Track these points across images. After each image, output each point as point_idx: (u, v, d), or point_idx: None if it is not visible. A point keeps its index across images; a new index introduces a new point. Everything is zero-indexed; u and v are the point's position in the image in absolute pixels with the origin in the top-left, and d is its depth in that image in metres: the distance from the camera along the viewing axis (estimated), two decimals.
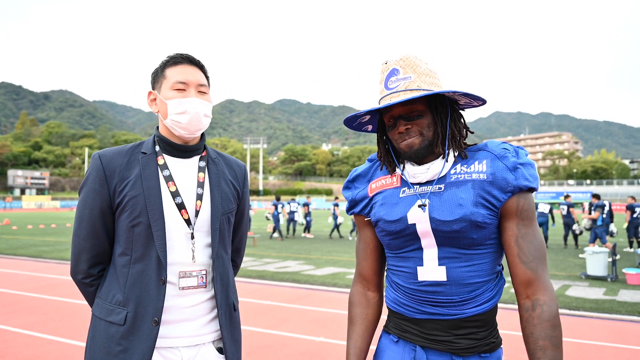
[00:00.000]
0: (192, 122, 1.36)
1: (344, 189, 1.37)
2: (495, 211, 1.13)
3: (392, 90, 1.17)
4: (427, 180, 1.18)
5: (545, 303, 1.10)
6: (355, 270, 1.36)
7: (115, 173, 1.33)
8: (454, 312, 1.14)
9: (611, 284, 7.39)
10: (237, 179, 1.52)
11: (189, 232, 1.34)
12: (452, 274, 1.13)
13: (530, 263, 1.12)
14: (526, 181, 1.12)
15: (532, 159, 21.27)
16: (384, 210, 1.21)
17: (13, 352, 3.87)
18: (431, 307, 1.15)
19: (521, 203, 1.13)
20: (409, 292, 1.19)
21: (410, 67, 1.17)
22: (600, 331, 4.75)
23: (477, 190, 1.12)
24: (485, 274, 1.15)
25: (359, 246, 1.35)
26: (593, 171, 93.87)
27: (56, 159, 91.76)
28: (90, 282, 1.37)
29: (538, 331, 1.08)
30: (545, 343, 1.07)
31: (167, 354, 1.31)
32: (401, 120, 1.18)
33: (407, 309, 1.20)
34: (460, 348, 1.14)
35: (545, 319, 1.08)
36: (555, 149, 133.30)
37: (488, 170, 1.14)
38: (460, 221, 1.11)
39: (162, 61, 1.41)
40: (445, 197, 1.14)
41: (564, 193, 20.78)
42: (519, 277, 1.13)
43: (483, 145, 1.21)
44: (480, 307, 1.14)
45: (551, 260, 10.25)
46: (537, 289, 1.11)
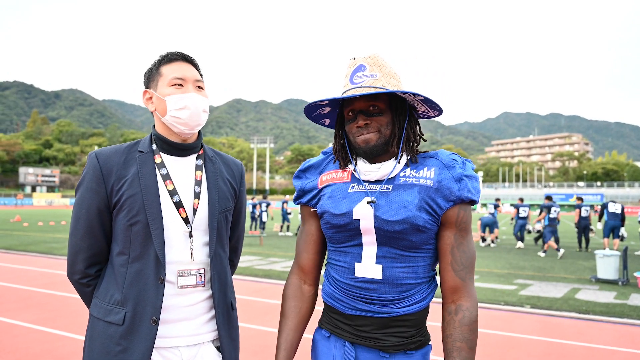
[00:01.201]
0: (192, 117, 1.36)
1: (294, 177, 1.40)
2: (436, 218, 1.18)
3: (357, 85, 1.20)
4: (376, 179, 1.22)
5: (467, 309, 1.17)
6: (294, 262, 1.37)
7: (112, 172, 1.32)
8: (386, 311, 1.18)
9: (622, 287, 7.28)
10: (235, 177, 1.52)
11: (187, 230, 1.34)
12: (388, 273, 1.17)
13: (460, 272, 1.19)
14: (469, 193, 1.18)
15: (542, 160, 21.32)
16: (331, 203, 1.24)
17: (24, 347, 3.92)
18: (364, 304, 1.19)
19: (461, 214, 1.19)
20: (344, 287, 1.22)
21: (377, 66, 1.21)
22: (611, 335, 4.68)
23: (423, 195, 1.17)
24: (419, 276, 1.20)
25: (301, 237, 1.36)
26: (604, 173, 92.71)
27: (66, 157, 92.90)
28: (88, 282, 1.36)
29: (457, 333, 1.16)
30: (462, 345, 1.15)
31: (167, 354, 1.30)
32: (361, 115, 1.20)
33: (341, 304, 1.23)
34: (388, 345, 1.19)
35: (466, 323, 1.16)
36: (565, 150, 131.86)
37: (435, 178, 1.19)
38: (402, 222, 1.15)
39: (155, 60, 1.41)
40: (392, 198, 1.18)
41: (573, 195, 20.50)
42: (448, 283, 1.20)
43: (434, 153, 1.26)
44: (411, 308, 1.19)
45: (561, 263, 10.14)
46: (462, 295, 1.18)
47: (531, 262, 10.29)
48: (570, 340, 4.47)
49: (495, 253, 12.06)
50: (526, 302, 6.08)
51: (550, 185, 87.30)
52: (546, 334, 4.66)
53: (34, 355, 3.73)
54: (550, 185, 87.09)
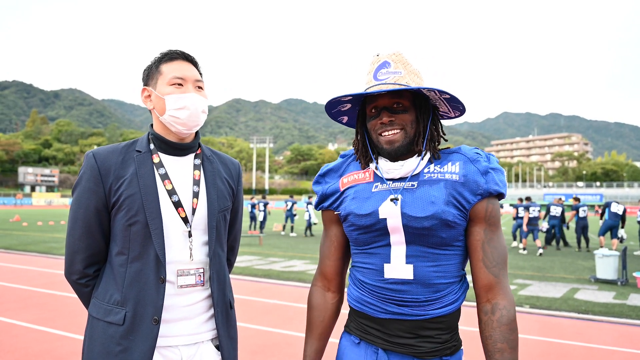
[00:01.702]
0: (191, 117, 1.35)
1: (314, 183, 1.37)
2: (465, 213, 1.15)
3: (381, 81, 1.18)
4: (400, 176, 1.20)
5: (504, 307, 1.13)
6: (317, 269, 1.35)
7: (110, 172, 1.31)
8: (419, 313, 1.14)
9: (621, 287, 7.29)
10: (232, 176, 1.52)
11: (187, 230, 1.34)
12: (419, 273, 1.14)
13: (493, 268, 1.14)
14: (496, 186, 1.15)
15: (541, 161, 21.42)
16: (355, 204, 1.22)
17: (23, 347, 3.91)
18: (396, 306, 1.15)
19: (489, 208, 1.16)
20: (373, 290, 1.19)
21: (402, 63, 1.19)
22: (610, 335, 4.68)
23: (449, 190, 1.15)
24: (451, 275, 1.16)
25: (324, 243, 1.34)
26: (603, 173, 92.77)
27: (65, 156, 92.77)
28: (86, 283, 1.35)
29: (497, 334, 1.11)
30: (503, 345, 1.10)
31: (167, 353, 1.30)
32: (385, 112, 1.18)
33: (371, 308, 1.19)
34: (423, 351, 1.14)
35: (504, 322, 1.11)
36: (564, 150, 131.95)
37: (460, 172, 1.16)
38: (431, 218, 1.12)
39: (155, 58, 1.40)
40: (418, 194, 1.15)
41: (572, 195, 20.58)
42: (481, 281, 1.16)
43: (456, 148, 1.23)
44: (444, 309, 1.15)
45: (560, 263, 10.15)
46: (497, 293, 1.14)
47: (530, 262, 10.30)
48: (570, 340, 4.47)
49: None
50: (525, 302, 6.08)
51: (549, 186, 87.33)
52: (545, 334, 4.67)
53: (33, 355, 3.72)
54: (550, 186, 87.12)
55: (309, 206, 16.54)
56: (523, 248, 12.26)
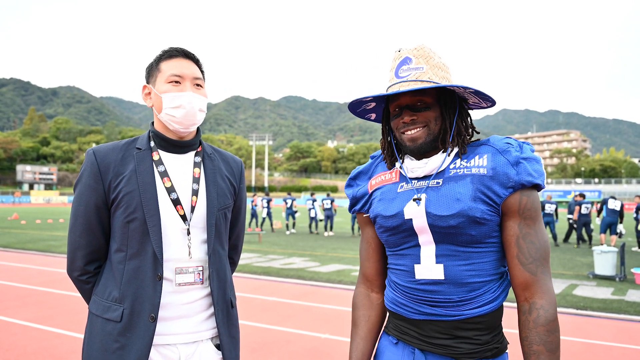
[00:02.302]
0: (187, 116, 1.34)
1: (346, 187, 1.37)
2: (496, 207, 1.09)
3: (403, 79, 1.15)
4: (424, 174, 1.16)
5: (542, 307, 1.06)
6: (359, 271, 1.35)
7: (109, 169, 1.31)
8: (453, 313, 1.10)
9: (619, 283, 7.31)
10: (234, 174, 1.51)
11: (185, 228, 1.33)
12: (450, 273, 1.10)
13: (529, 265, 1.08)
14: (529, 176, 1.07)
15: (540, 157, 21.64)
16: (382, 205, 1.20)
17: (21, 345, 3.91)
18: (429, 307, 1.13)
19: (524, 200, 1.08)
20: (406, 291, 1.17)
21: (424, 58, 1.15)
22: (608, 331, 4.70)
23: (477, 184, 1.09)
24: (486, 273, 1.11)
25: (362, 246, 1.33)
26: (601, 170, 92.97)
27: (64, 154, 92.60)
28: (87, 279, 1.36)
29: (533, 335, 1.06)
30: (539, 348, 1.05)
31: (165, 352, 1.30)
32: (407, 111, 1.15)
33: (405, 309, 1.17)
34: (461, 352, 1.10)
35: (541, 323, 1.05)
36: (563, 147, 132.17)
37: (489, 165, 1.10)
38: (457, 216, 1.07)
39: (156, 55, 1.40)
40: (443, 192, 1.12)
41: (571, 192, 20.58)
42: (517, 279, 1.10)
43: (485, 140, 1.18)
44: (481, 309, 1.10)
45: (558, 259, 10.17)
46: (535, 292, 1.08)
47: None
48: (568, 336, 4.49)
49: None
50: None
51: (548, 182, 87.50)
52: None
53: (32, 353, 3.72)
54: (548, 182, 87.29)
55: (314, 203, 16.46)
56: None
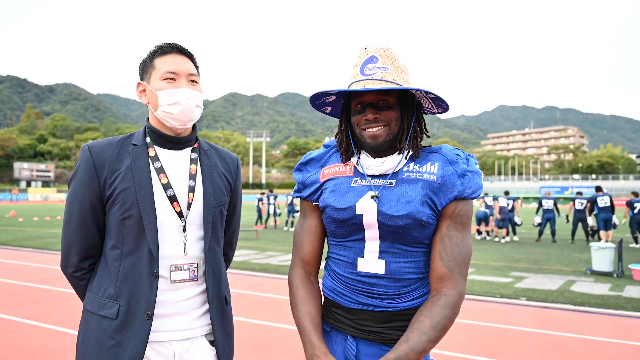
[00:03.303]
0: (184, 113, 1.33)
1: (295, 170, 1.37)
2: (437, 212, 1.17)
3: (368, 77, 1.17)
4: (379, 173, 1.20)
5: (446, 294, 1.11)
6: (295, 255, 1.33)
7: (105, 165, 1.30)
8: (388, 305, 1.17)
9: (617, 279, 7.34)
10: (230, 171, 1.50)
11: (181, 225, 1.32)
12: (390, 268, 1.16)
13: (448, 262, 1.14)
14: (470, 189, 1.17)
15: (537, 154, 21.62)
16: (334, 197, 1.22)
17: (19, 343, 3.90)
18: (367, 298, 1.18)
19: (459, 207, 1.17)
20: (346, 282, 1.21)
21: (389, 59, 1.19)
22: (605, 327, 4.72)
23: (426, 190, 1.16)
24: (421, 271, 1.19)
25: (302, 230, 1.33)
26: (599, 166, 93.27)
27: (61, 151, 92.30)
28: (81, 276, 1.35)
29: (425, 310, 1.10)
30: (425, 319, 1.08)
31: (160, 348, 1.30)
32: (371, 108, 1.18)
33: (343, 298, 1.22)
34: (390, 339, 1.17)
35: (438, 304, 1.09)
36: (560, 143, 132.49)
37: (439, 173, 1.18)
38: (405, 217, 1.14)
39: (150, 51, 1.38)
40: (395, 193, 1.17)
41: (568, 188, 20.60)
42: (435, 272, 1.15)
43: (437, 148, 1.24)
44: (413, 302, 1.18)
45: (556, 256, 10.21)
46: (446, 284, 1.13)
47: (526, 254, 10.35)
48: (566, 332, 4.50)
49: (491, 246, 12.12)
50: (522, 295, 6.12)
51: (545, 178, 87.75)
52: (542, 326, 4.69)
53: (29, 350, 3.71)
54: (546, 178, 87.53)
55: None
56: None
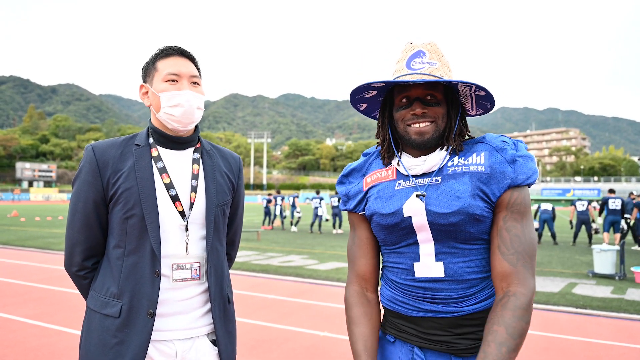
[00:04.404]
0: (185, 114, 1.34)
1: (338, 183, 1.33)
2: (492, 204, 1.10)
3: (416, 71, 1.13)
4: (422, 172, 1.16)
5: (514, 294, 1.03)
6: (350, 271, 1.29)
7: (108, 165, 1.31)
8: (453, 310, 1.10)
9: (619, 282, 7.32)
10: (232, 171, 1.51)
11: (183, 224, 1.33)
12: (450, 270, 1.10)
13: (509, 256, 1.06)
14: (524, 175, 1.09)
15: (539, 155, 21.55)
16: (379, 203, 1.18)
17: (21, 342, 3.91)
18: (429, 304, 1.12)
19: (514, 196, 1.09)
20: (405, 289, 1.16)
21: (436, 54, 1.15)
22: (608, 330, 4.70)
23: (475, 182, 1.10)
24: (484, 270, 1.12)
25: (354, 244, 1.28)
26: (601, 168, 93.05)
27: (63, 152, 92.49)
28: (85, 275, 1.36)
29: (496, 317, 1.02)
30: (499, 328, 1.00)
31: (162, 347, 1.30)
32: (419, 102, 1.13)
33: (404, 307, 1.16)
34: (460, 348, 1.10)
35: (509, 307, 1.01)
36: (562, 145, 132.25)
37: (486, 163, 1.11)
38: (457, 214, 1.08)
39: (152, 54, 1.39)
40: (442, 189, 1.11)
41: (570, 190, 20.54)
42: (496, 270, 1.07)
43: (481, 138, 1.18)
44: (480, 305, 1.11)
45: (558, 258, 10.18)
46: (512, 282, 1.05)
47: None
48: (568, 335, 4.49)
49: None
50: None
51: (547, 180, 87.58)
52: (543, 329, 4.68)
53: (31, 350, 3.72)
54: (547, 180, 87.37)
55: (321, 201, 16.12)
56: None
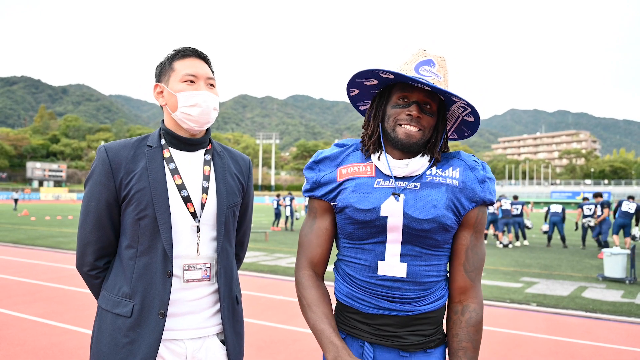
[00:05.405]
0: (202, 115, 1.36)
1: (306, 169, 1.31)
2: (460, 218, 1.19)
3: (422, 77, 1.18)
4: (403, 175, 1.20)
5: (474, 310, 1.20)
6: (302, 256, 1.29)
7: (121, 166, 1.33)
8: (409, 309, 1.17)
9: (629, 286, 7.22)
10: (242, 172, 1.52)
11: (195, 225, 1.35)
12: (412, 272, 1.16)
13: (470, 273, 1.21)
14: (490, 195, 1.20)
15: (549, 158, 21.47)
16: (356, 197, 1.19)
17: (32, 340, 3.96)
18: (387, 302, 1.17)
19: (480, 215, 1.21)
20: (365, 287, 1.19)
21: (443, 69, 1.21)
22: (618, 334, 4.64)
23: (450, 194, 1.18)
24: (439, 274, 1.21)
25: (312, 232, 1.28)
26: (611, 171, 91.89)
27: (73, 151, 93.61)
28: (96, 275, 1.38)
29: (464, 333, 1.18)
30: (467, 344, 1.17)
31: (173, 346, 1.32)
32: (416, 106, 1.18)
33: (361, 303, 1.19)
34: (408, 344, 1.17)
35: (472, 324, 1.18)
36: (572, 147, 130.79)
37: (460, 178, 1.20)
38: (431, 221, 1.15)
39: (168, 54, 1.41)
40: (421, 196, 1.17)
41: (580, 193, 20.26)
42: (457, 283, 1.22)
43: (455, 153, 1.26)
44: (432, 305, 1.19)
45: (567, 261, 10.07)
46: (470, 296, 1.21)
47: (537, 260, 10.23)
48: (577, 339, 4.44)
49: (501, 251, 12.00)
50: (532, 300, 6.05)
51: (557, 183, 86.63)
52: (552, 332, 4.63)
53: (41, 348, 3.77)
54: (557, 183, 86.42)
55: None
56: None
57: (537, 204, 54.49)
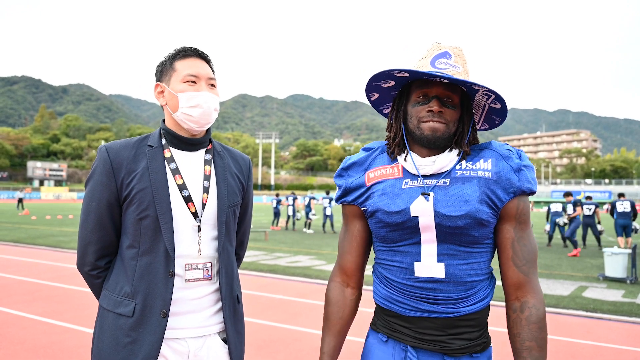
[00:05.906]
0: (203, 115, 1.36)
1: (336, 176, 1.32)
2: (497, 211, 1.14)
3: (439, 70, 1.15)
4: (431, 172, 1.16)
5: (534, 306, 1.13)
6: (336, 263, 1.31)
7: (122, 166, 1.33)
8: (450, 310, 1.13)
9: (630, 286, 7.21)
10: (242, 172, 1.53)
11: (196, 225, 1.35)
12: (451, 271, 1.13)
13: (522, 267, 1.14)
14: (528, 184, 1.14)
15: (549, 157, 21.27)
16: (385, 200, 1.17)
17: (32, 339, 3.96)
18: (427, 304, 1.14)
19: (521, 206, 1.14)
20: (403, 289, 1.16)
21: (461, 59, 1.17)
22: (618, 334, 4.64)
23: (483, 187, 1.13)
24: (481, 272, 1.16)
25: (345, 238, 1.30)
26: (612, 170, 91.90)
27: (74, 151, 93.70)
28: (97, 274, 1.38)
29: (525, 332, 1.12)
30: (531, 344, 1.11)
31: (175, 345, 1.32)
32: (437, 101, 1.14)
33: (401, 306, 1.17)
34: (453, 348, 1.13)
35: (533, 321, 1.12)
36: (572, 146, 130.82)
37: (493, 169, 1.14)
38: (465, 217, 1.10)
39: (169, 54, 1.40)
40: (451, 192, 1.13)
41: (580, 192, 20.40)
42: (511, 279, 1.16)
43: (487, 144, 1.21)
44: (475, 306, 1.14)
45: (568, 261, 10.07)
46: (527, 291, 1.14)
47: (538, 259, 10.21)
48: (578, 339, 4.43)
49: None
50: None
51: (557, 182, 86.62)
52: (553, 332, 4.63)
53: (41, 347, 3.77)
54: (558, 182, 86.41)
55: (331, 202, 15.97)
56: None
57: (537, 204, 54.49)
